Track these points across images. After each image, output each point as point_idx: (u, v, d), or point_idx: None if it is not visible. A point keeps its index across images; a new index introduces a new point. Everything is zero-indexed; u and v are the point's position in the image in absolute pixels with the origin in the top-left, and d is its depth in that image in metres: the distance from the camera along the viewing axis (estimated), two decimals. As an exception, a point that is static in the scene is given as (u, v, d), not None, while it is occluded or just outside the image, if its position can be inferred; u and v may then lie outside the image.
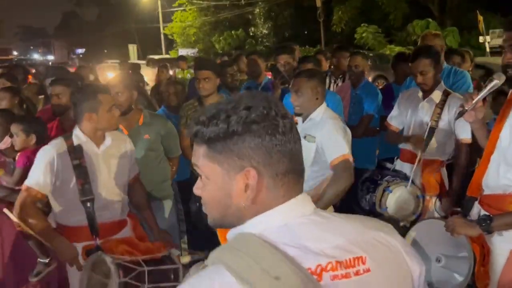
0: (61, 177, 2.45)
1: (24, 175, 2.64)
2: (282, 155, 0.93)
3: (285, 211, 0.95)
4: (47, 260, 2.85)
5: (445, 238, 2.25)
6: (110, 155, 2.58)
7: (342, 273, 0.91)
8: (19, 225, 2.52)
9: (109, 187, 2.56)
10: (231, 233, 0.97)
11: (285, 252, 0.87)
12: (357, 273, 0.92)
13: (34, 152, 2.68)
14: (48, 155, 2.45)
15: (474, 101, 2.05)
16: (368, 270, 0.93)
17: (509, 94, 2.15)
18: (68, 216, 2.52)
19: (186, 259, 2.14)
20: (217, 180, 0.94)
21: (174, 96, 4.24)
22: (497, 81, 2.01)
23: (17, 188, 2.82)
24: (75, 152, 2.45)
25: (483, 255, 2.10)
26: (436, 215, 2.98)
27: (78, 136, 2.51)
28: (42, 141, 2.89)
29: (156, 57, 22.34)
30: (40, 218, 2.46)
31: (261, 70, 4.57)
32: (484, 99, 2.18)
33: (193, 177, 3.77)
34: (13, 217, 2.48)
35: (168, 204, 3.40)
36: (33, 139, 2.98)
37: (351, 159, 2.64)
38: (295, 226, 0.93)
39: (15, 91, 4.38)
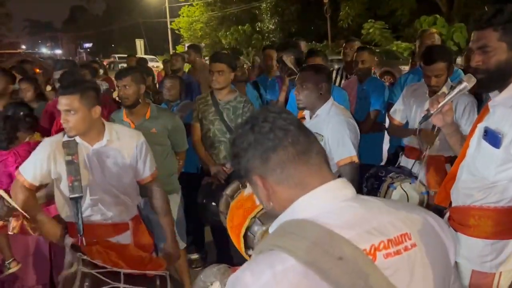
0: (57, 172, 2.45)
1: None
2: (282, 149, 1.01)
3: (325, 196, 1.00)
4: None
5: None
6: (105, 153, 2.50)
7: (394, 250, 0.95)
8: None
9: (103, 187, 2.50)
10: (276, 223, 1.02)
11: (341, 235, 0.91)
12: (406, 249, 0.96)
13: None
14: (45, 148, 2.46)
15: (440, 104, 1.90)
16: (414, 245, 0.98)
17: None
18: (63, 210, 2.54)
19: None
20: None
21: (172, 91, 4.19)
22: (466, 84, 1.86)
23: None
24: (69, 148, 2.41)
25: None
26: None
27: None
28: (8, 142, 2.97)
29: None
30: (28, 198, 2.43)
31: (273, 65, 4.53)
32: None
33: (202, 170, 3.78)
34: (7, 197, 2.43)
35: (175, 199, 3.38)
36: None
37: (357, 160, 2.66)
38: (343, 209, 0.98)
39: (36, 83, 4.39)
